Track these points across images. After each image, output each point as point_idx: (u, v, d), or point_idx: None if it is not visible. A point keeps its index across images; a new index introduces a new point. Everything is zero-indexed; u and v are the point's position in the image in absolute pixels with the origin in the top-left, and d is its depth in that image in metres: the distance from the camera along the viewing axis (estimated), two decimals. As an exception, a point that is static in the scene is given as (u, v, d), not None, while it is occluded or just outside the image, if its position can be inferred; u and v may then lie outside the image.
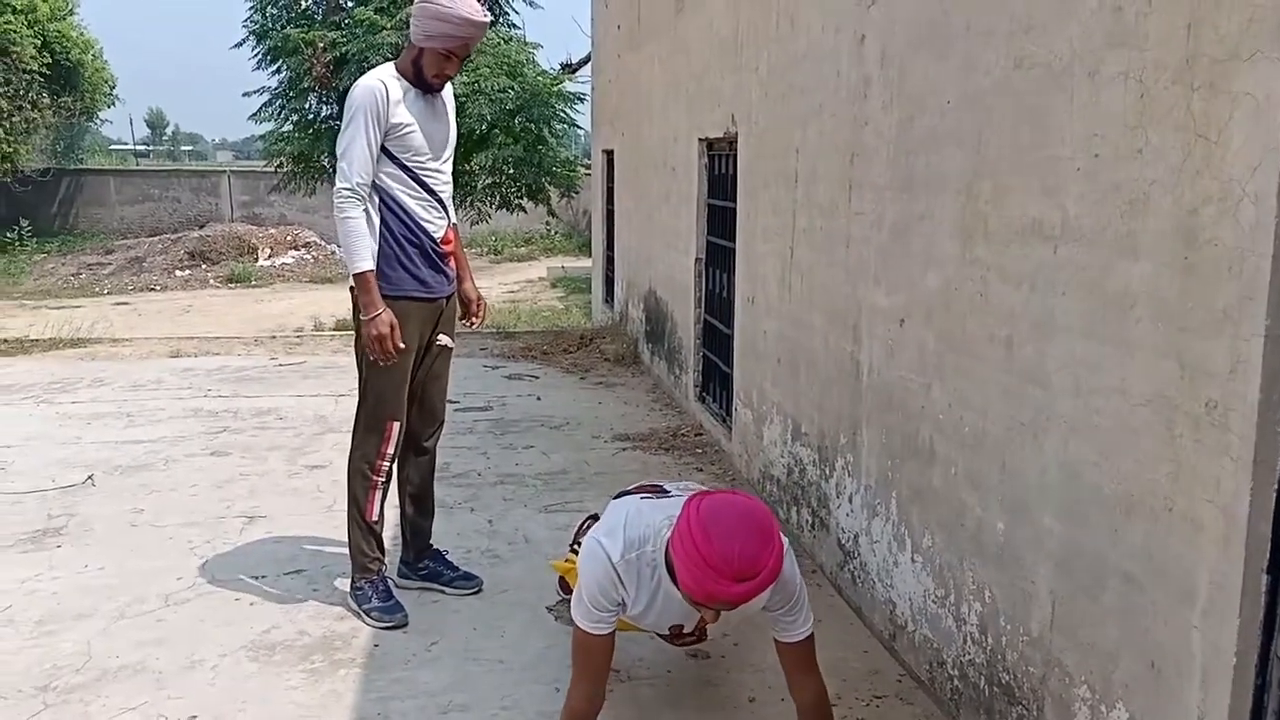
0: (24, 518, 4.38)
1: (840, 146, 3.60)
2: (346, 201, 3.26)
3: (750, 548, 2.09)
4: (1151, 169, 1.95)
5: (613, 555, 2.36)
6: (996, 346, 2.56)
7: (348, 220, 3.27)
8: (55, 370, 7.57)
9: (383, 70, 3.35)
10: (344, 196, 3.26)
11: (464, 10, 3.23)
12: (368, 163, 3.27)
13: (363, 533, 3.52)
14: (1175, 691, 1.92)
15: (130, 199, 23.61)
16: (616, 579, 2.36)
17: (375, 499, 3.51)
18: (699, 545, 2.09)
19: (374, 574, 3.52)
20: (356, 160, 3.25)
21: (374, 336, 3.30)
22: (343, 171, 3.26)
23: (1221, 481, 1.77)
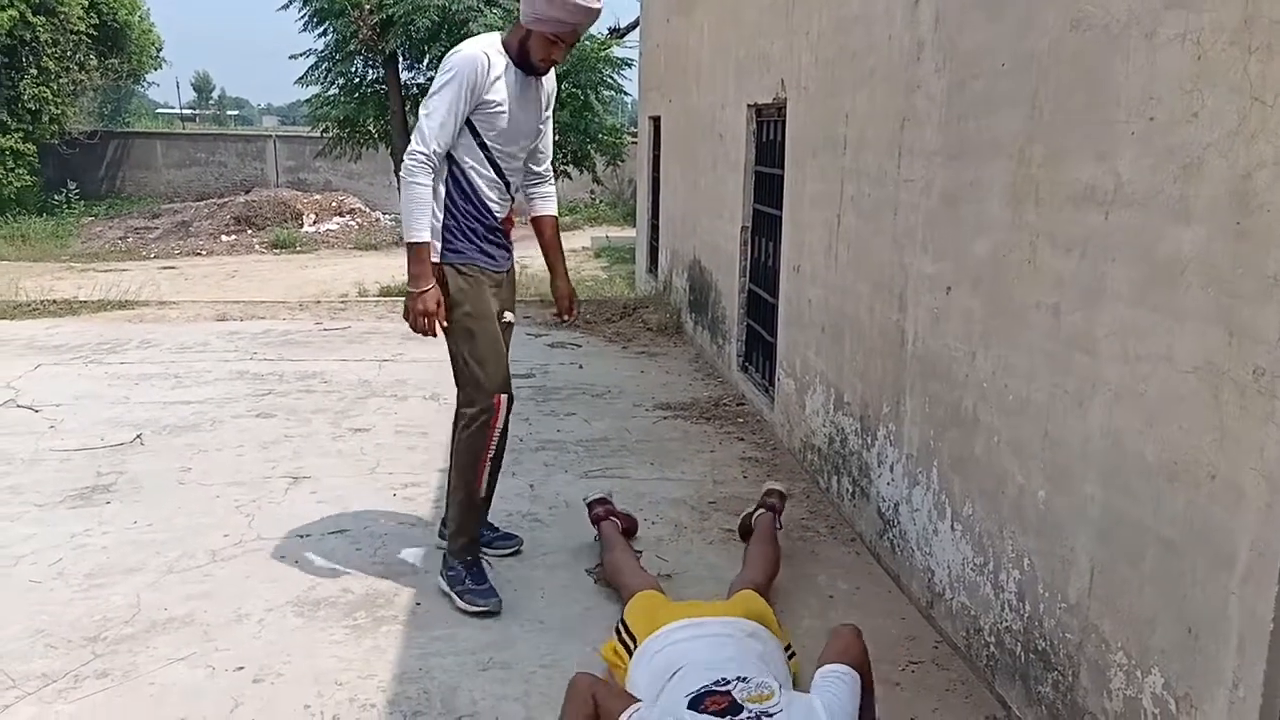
0: (74, 475, 4.48)
1: (891, 112, 3.56)
2: (419, 166, 3.13)
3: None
4: (1207, 132, 1.92)
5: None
6: (1044, 313, 2.53)
7: (413, 186, 3.14)
8: (103, 331, 7.71)
9: (488, 41, 3.22)
10: (417, 160, 3.13)
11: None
12: (450, 132, 3.14)
13: (467, 511, 3.38)
14: (1211, 657, 1.91)
15: (176, 163, 23.87)
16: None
17: (484, 476, 3.36)
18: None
19: (472, 556, 3.38)
20: (439, 127, 3.12)
21: (419, 311, 3.22)
22: (420, 134, 3.14)
23: (1266, 448, 1.75)
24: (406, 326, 3.40)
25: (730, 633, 2.67)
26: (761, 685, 2.39)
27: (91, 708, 2.70)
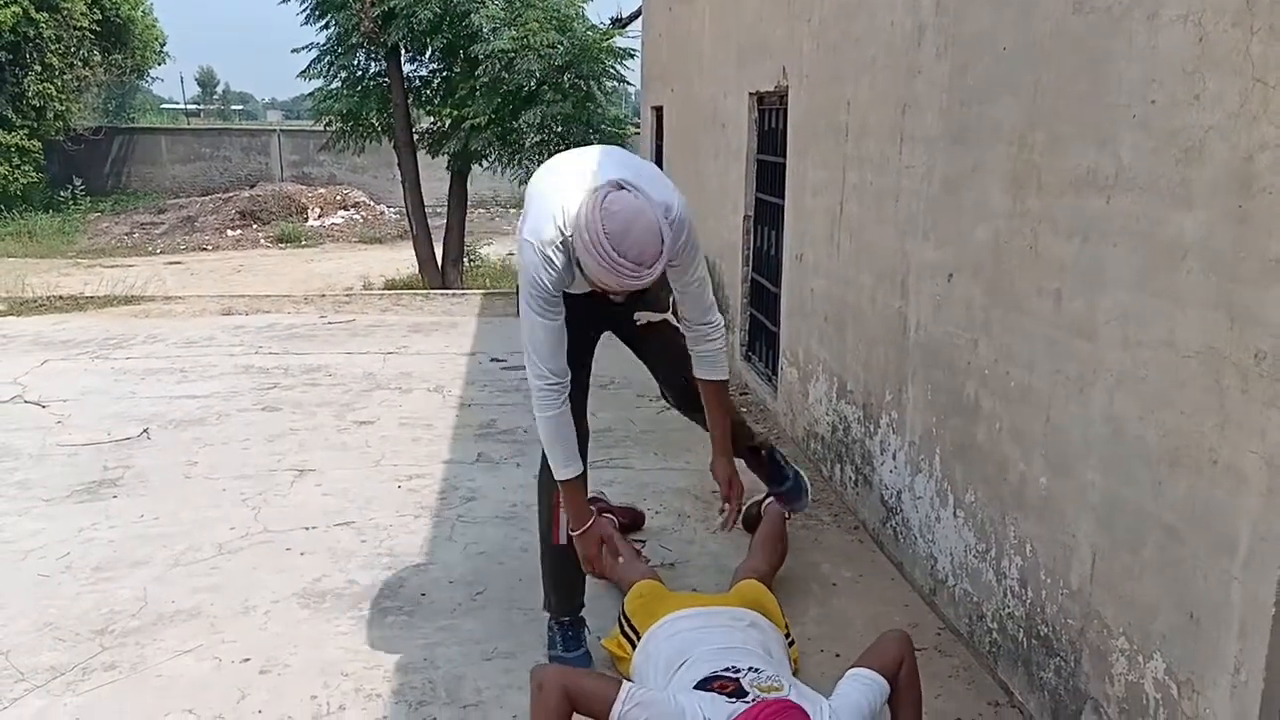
0: (80, 469, 4.50)
1: (892, 98, 3.55)
2: (544, 395, 2.63)
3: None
4: (1208, 115, 1.91)
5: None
6: (1045, 300, 2.53)
7: (543, 420, 2.67)
8: (110, 327, 7.73)
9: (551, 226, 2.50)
10: (539, 389, 2.63)
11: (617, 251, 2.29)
12: (558, 342, 2.60)
13: (546, 562, 3.03)
14: (1213, 642, 1.91)
15: (181, 158, 23.92)
16: None
17: (559, 523, 2.88)
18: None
19: (567, 615, 2.99)
20: (543, 345, 2.59)
21: (582, 557, 2.81)
22: (531, 360, 2.63)
23: (1267, 433, 1.74)
24: (411, 319, 3.37)
25: (733, 623, 2.67)
26: (773, 679, 2.39)
27: (99, 700, 2.72)
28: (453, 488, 4.30)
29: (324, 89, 13.45)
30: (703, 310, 2.78)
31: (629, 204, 2.33)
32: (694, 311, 2.78)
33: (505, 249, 16.97)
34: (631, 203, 2.34)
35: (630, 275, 2.33)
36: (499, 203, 23.58)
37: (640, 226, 2.31)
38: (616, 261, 2.31)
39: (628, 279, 2.35)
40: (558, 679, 2.25)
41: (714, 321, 2.81)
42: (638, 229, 2.30)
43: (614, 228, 2.30)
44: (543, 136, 13.03)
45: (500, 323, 7.91)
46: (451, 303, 8.91)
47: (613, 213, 2.31)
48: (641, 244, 2.30)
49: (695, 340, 2.84)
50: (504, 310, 8.45)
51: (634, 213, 2.32)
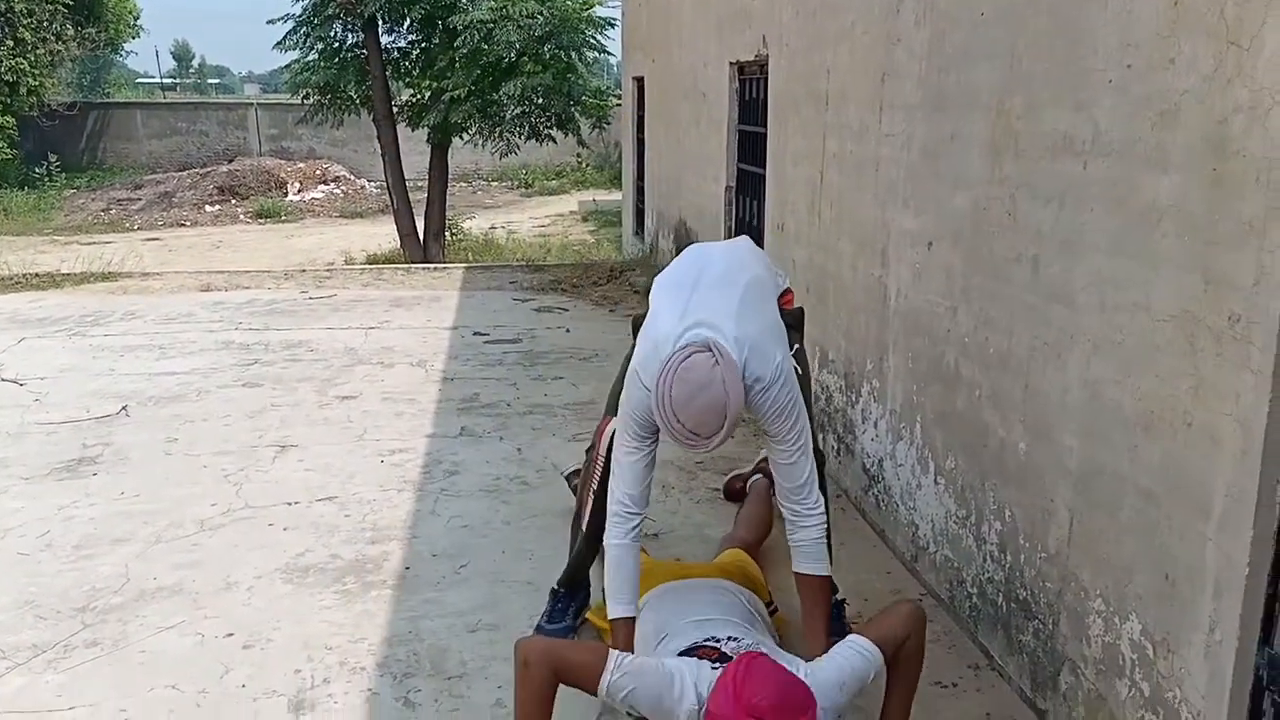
0: (60, 447, 4.47)
1: (871, 66, 3.54)
2: (611, 519, 2.55)
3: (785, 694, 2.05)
4: (1183, 79, 1.91)
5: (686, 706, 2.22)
6: (1023, 267, 2.53)
7: (608, 545, 2.55)
8: (87, 304, 7.66)
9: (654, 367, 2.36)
10: (610, 513, 2.56)
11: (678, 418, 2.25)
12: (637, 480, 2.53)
13: (573, 535, 3.01)
14: (1187, 603, 1.93)
15: (157, 132, 23.66)
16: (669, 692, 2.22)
17: (588, 504, 2.87)
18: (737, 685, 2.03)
19: (564, 588, 2.99)
20: (625, 473, 2.54)
21: None
22: (612, 483, 2.59)
23: (1241, 395, 1.76)
24: (393, 294, 3.34)
25: (716, 595, 2.67)
26: (752, 646, 2.39)
27: (82, 677, 2.72)
28: (436, 462, 4.29)
29: (301, 61, 13.27)
30: (797, 486, 2.47)
31: (702, 375, 2.23)
32: (788, 481, 2.48)
33: (487, 222, 16.89)
34: (706, 374, 2.23)
35: (688, 442, 2.28)
36: (480, 176, 23.45)
37: (703, 401, 2.22)
38: (673, 426, 2.26)
39: (685, 444, 2.30)
40: (543, 656, 2.21)
41: (811, 504, 2.48)
42: (700, 402, 2.22)
43: (680, 394, 2.23)
44: (523, 108, 12.93)
45: (482, 296, 7.89)
46: (433, 277, 8.86)
47: (684, 380, 2.23)
48: (700, 418, 2.23)
49: (790, 525, 2.51)
50: (486, 284, 8.42)
51: (701, 386, 2.22)
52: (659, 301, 2.56)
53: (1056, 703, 2.44)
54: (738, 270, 2.60)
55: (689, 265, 2.65)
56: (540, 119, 13.24)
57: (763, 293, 2.60)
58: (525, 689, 2.20)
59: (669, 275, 2.64)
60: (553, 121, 13.29)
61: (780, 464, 2.48)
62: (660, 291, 2.59)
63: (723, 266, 2.62)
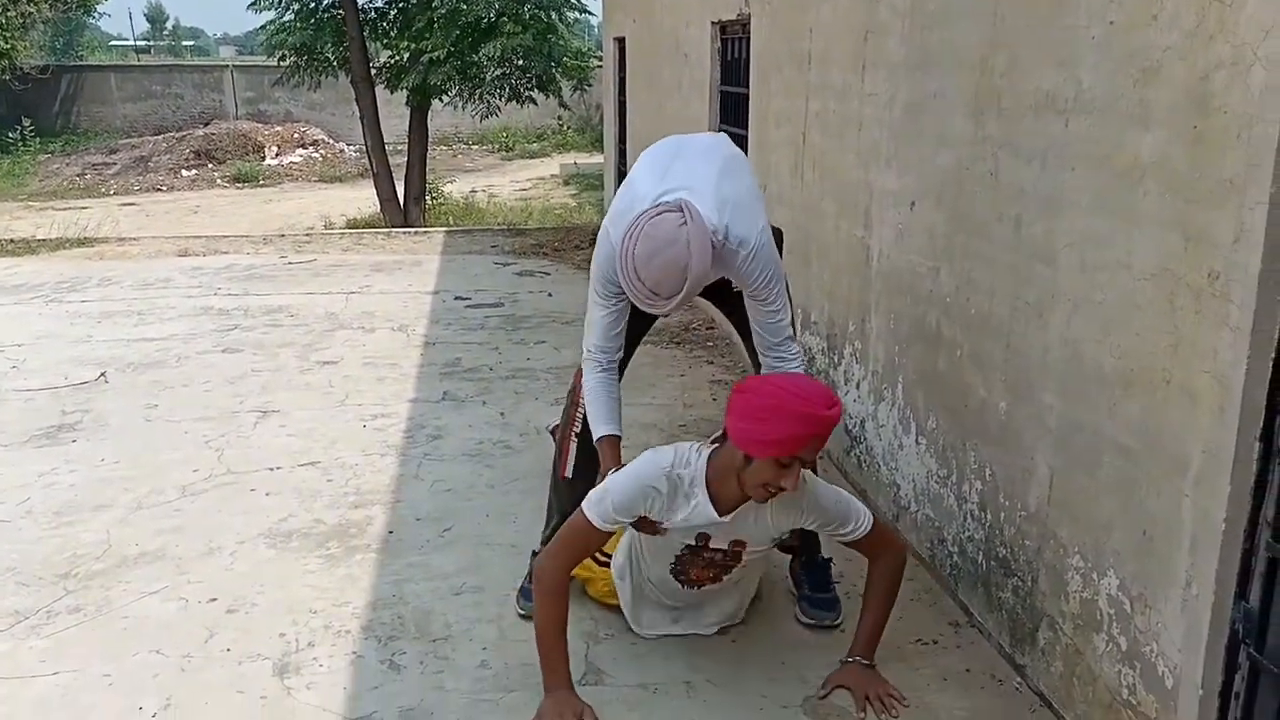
0: (38, 414, 4.44)
1: (854, 24, 3.51)
2: (585, 362, 2.69)
3: (823, 387, 2.25)
4: (1165, 35, 1.90)
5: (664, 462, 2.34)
6: (1005, 226, 2.53)
7: (585, 381, 2.69)
8: (63, 270, 7.58)
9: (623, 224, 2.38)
10: (584, 358, 2.70)
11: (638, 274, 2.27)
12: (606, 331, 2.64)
13: (550, 493, 2.97)
14: (1164, 558, 1.95)
15: (132, 96, 23.29)
16: (660, 487, 2.32)
17: (568, 456, 2.85)
18: (780, 390, 2.16)
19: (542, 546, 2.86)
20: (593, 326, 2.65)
21: None
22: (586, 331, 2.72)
23: (1219, 351, 1.77)
24: (374, 258, 3.31)
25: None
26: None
27: (65, 642, 2.71)
28: (419, 426, 4.29)
29: (276, 22, 13.09)
30: (777, 335, 2.58)
31: (666, 232, 2.22)
32: (768, 335, 2.59)
33: (468, 186, 16.77)
34: (670, 231, 2.22)
35: (645, 301, 2.30)
36: (460, 139, 23.24)
37: (665, 259, 2.21)
38: (634, 283, 2.28)
39: (644, 303, 2.32)
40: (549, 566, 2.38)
41: (792, 352, 2.60)
42: (661, 260, 2.22)
43: (641, 251, 2.24)
44: (503, 70, 12.80)
45: (464, 260, 7.85)
46: (414, 241, 8.81)
47: (648, 235, 2.24)
48: (659, 276, 2.23)
49: (768, 370, 2.62)
50: (467, 248, 8.37)
51: (665, 243, 2.21)
52: (638, 169, 2.62)
53: (1035, 658, 2.47)
54: (720, 146, 2.69)
55: (667, 143, 2.72)
56: (520, 81, 13.11)
57: (743, 167, 2.68)
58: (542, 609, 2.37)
59: (648, 152, 2.70)
60: (533, 83, 13.16)
61: (763, 322, 2.59)
62: (640, 163, 2.65)
63: (703, 143, 2.70)
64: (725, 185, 2.47)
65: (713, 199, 2.40)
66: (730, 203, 2.43)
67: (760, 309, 2.56)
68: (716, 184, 2.45)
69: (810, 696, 2.48)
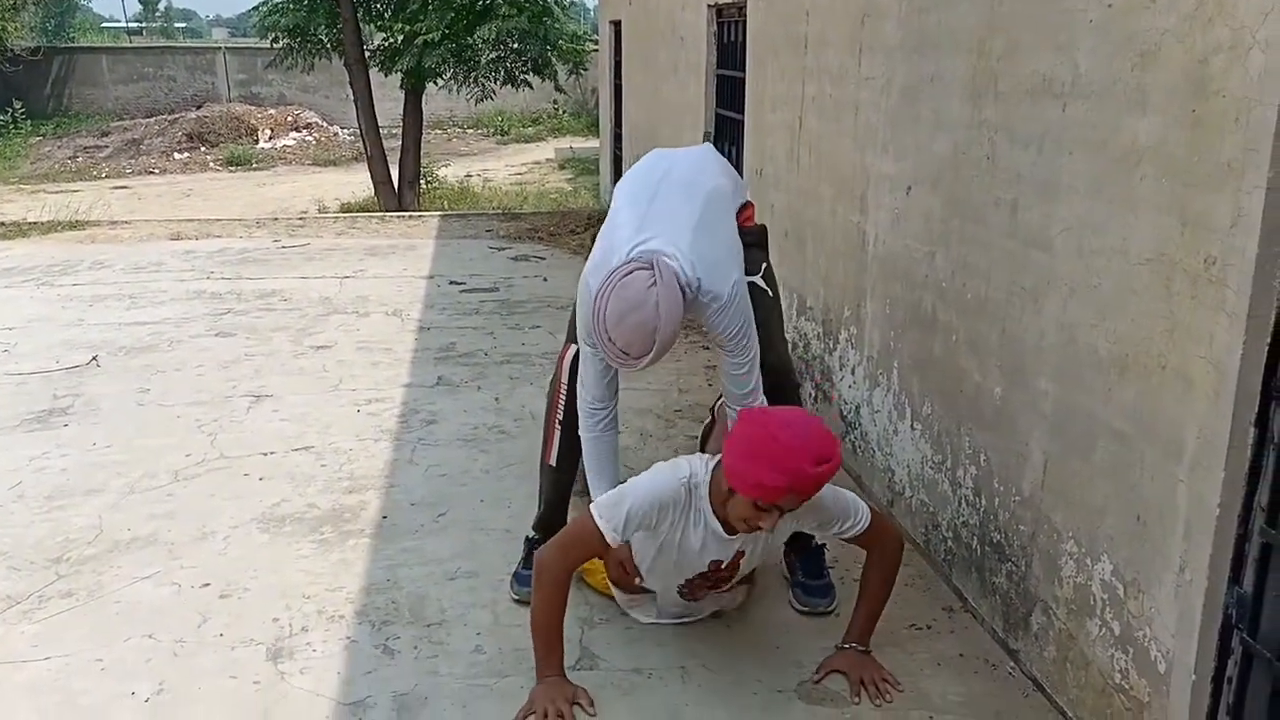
0: (30, 398, 4.42)
1: (851, 7, 3.49)
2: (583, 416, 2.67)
3: (823, 437, 2.14)
4: (1164, 18, 1.88)
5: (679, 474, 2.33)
6: (1002, 211, 2.52)
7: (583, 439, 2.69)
8: (55, 253, 7.54)
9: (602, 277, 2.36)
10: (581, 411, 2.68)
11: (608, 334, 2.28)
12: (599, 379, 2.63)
13: (540, 479, 2.97)
14: (1158, 543, 1.95)
15: (124, 78, 23.15)
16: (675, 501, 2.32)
17: (553, 441, 2.86)
18: (776, 434, 2.09)
19: (538, 535, 2.90)
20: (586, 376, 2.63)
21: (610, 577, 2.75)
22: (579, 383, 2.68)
23: (1215, 337, 1.76)
24: (368, 242, 3.29)
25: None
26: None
27: (57, 627, 2.70)
28: (413, 411, 4.28)
29: (269, 3, 13.01)
30: (745, 394, 2.57)
31: (636, 294, 2.23)
32: (734, 388, 2.59)
33: (463, 170, 16.72)
34: (639, 294, 2.23)
35: (617, 360, 2.34)
36: (455, 122, 23.14)
37: (634, 320, 2.23)
38: (605, 344, 2.31)
39: (615, 361, 2.36)
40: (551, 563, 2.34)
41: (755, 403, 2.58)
42: (631, 322, 2.23)
43: (612, 311, 2.25)
44: (498, 53, 12.74)
45: (458, 245, 7.82)
46: (408, 225, 8.77)
47: (619, 297, 2.25)
48: (629, 337, 2.25)
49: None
50: (461, 232, 8.34)
51: (634, 306, 2.23)
52: (619, 203, 2.61)
53: (1028, 643, 2.47)
54: (701, 177, 2.65)
55: (650, 169, 2.69)
56: (516, 64, 13.05)
57: (724, 206, 2.65)
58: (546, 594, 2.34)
59: (630, 179, 2.68)
60: (529, 66, 13.10)
61: (730, 374, 2.59)
62: (621, 195, 2.63)
63: (686, 174, 2.65)
64: (702, 239, 2.46)
65: (688, 251, 2.41)
66: (706, 259, 2.44)
67: (728, 360, 2.58)
68: (693, 238, 2.45)
69: (805, 681, 2.48)
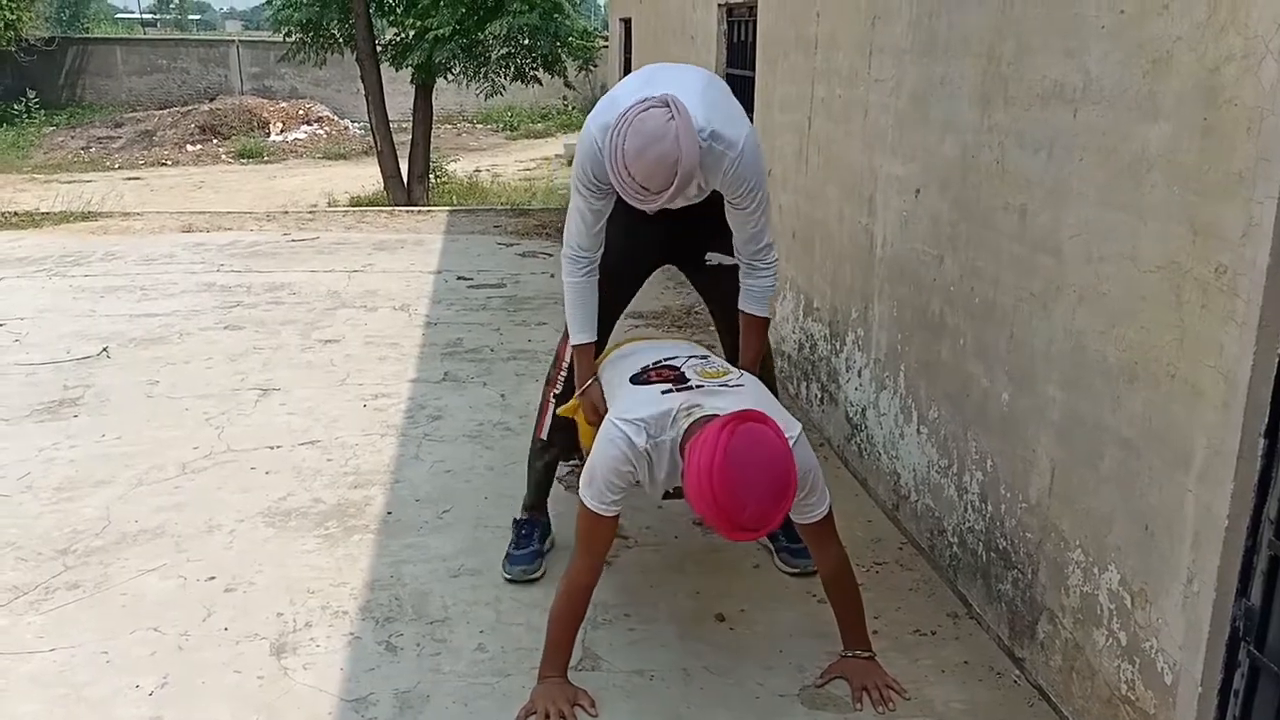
0: (40, 388, 4.44)
1: (861, 9, 3.48)
2: (566, 262, 2.72)
3: (762, 507, 2.03)
4: (1176, 25, 1.87)
5: (636, 441, 2.28)
6: (1011, 215, 2.51)
7: (565, 283, 2.75)
8: (67, 244, 7.57)
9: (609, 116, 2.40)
10: (565, 257, 2.73)
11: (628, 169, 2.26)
12: (588, 230, 2.64)
13: (530, 453, 3.08)
14: (1166, 553, 1.94)
15: (138, 69, 23.22)
16: (633, 469, 2.30)
17: (545, 417, 2.98)
18: (714, 487, 2.01)
19: (526, 514, 3.07)
20: (575, 224, 2.66)
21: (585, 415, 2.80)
22: (567, 231, 2.74)
23: (1225, 347, 1.75)
24: (377, 236, 3.32)
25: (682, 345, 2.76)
26: (719, 365, 2.49)
27: (63, 619, 2.71)
28: (419, 406, 4.28)
29: (282, -3, 13.03)
30: (757, 243, 2.65)
31: (655, 127, 2.22)
32: (747, 244, 2.66)
33: (472, 165, 16.72)
34: (659, 126, 2.22)
35: (637, 196, 2.29)
36: (465, 117, 23.15)
37: (655, 153, 2.21)
38: (623, 178, 2.28)
39: (633, 198, 2.31)
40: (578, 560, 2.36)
41: (768, 257, 2.68)
42: (651, 154, 2.21)
43: (631, 145, 2.23)
44: (509, 49, 12.73)
45: (466, 240, 7.82)
46: (417, 220, 8.78)
47: (637, 130, 2.23)
48: (649, 170, 2.22)
49: (746, 272, 2.71)
50: (470, 228, 8.35)
51: (654, 138, 2.21)
52: (619, 86, 2.63)
53: (1034, 651, 2.46)
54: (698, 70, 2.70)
55: (650, 67, 2.73)
56: (526, 60, 13.04)
57: (727, 89, 2.69)
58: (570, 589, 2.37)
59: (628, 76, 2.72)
60: (539, 63, 13.10)
61: (743, 228, 2.64)
62: (619, 84, 2.66)
63: (689, 67, 2.71)
64: (711, 91, 2.54)
65: (700, 100, 2.44)
66: (718, 106, 2.49)
67: (741, 216, 2.61)
68: (703, 90, 2.50)
69: (807, 686, 2.48)
